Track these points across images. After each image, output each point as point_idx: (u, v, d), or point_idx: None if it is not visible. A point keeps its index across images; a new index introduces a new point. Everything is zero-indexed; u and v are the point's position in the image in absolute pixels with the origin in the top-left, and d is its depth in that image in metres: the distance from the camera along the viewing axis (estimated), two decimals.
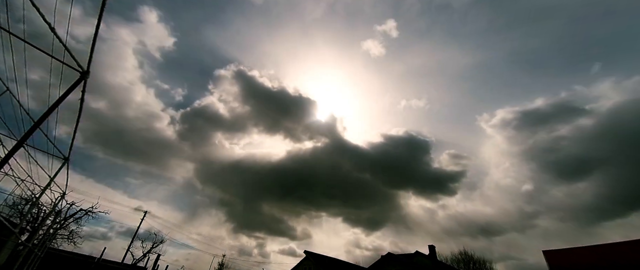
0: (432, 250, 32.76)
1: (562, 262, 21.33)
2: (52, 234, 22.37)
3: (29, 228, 21.24)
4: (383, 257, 26.96)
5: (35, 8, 4.77)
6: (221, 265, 51.63)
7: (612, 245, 19.68)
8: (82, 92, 6.35)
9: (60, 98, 5.70)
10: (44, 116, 5.52)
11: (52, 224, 21.07)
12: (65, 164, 11.83)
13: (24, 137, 5.53)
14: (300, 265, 31.52)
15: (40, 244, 18.53)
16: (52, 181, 12.64)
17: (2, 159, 5.30)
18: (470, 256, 41.16)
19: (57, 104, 5.63)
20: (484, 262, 40.25)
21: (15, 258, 15.33)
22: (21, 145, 5.50)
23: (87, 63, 5.72)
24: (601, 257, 19.57)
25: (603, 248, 19.95)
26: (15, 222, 17.17)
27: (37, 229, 19.36)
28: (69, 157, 11.35)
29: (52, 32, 5.10)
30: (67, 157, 11.32)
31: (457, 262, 41.18)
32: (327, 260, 30.63)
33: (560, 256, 21.63)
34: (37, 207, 22.26)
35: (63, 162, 11.70)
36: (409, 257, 30.05)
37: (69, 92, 5.75)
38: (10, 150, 5.39)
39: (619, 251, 19.01)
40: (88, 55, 5.61)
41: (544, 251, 22.66)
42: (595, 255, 19.93)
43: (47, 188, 13.03)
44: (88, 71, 5.80)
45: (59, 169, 12.05)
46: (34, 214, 22.68)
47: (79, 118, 7.64)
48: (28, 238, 16.92)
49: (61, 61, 5.84)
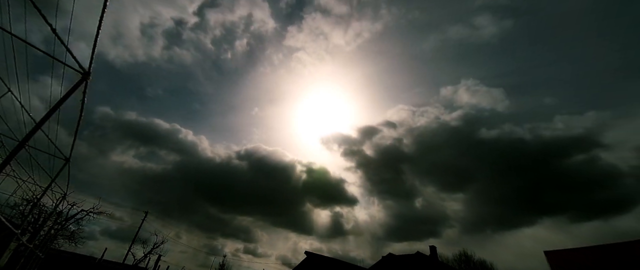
0: (433, 251, 32.70)
1: (563, 262, 21.29)
2: (53, 235, 22.41)
3: (30, 229, 21.27)
4: (384, 258, 26.90)
5: (37, 10, 4.79)
6: (221, 265, 51.74)
7: (612, 246, 19.62)
8: (83, 93, 6.37)
9: (61, 99, 5.72)
10: (46, 117, 5.54)
11: (53, 225, 21.10)
12: (66, 165, 11.86)
13: (25, 138, 5.55)
14: (301, 266, 31.45)
15: (41, 245, 18.56)
16: (53, 182, 12.67)
17: (4, 160, 5.32)
18: (470, 257, 41.16)
19: (58, 105, 5.65)
20: (484, 262, 40.25)
21: (17, 259, 15.35)
22: (22, 146, 5.52)
23: (89, 64, 5.74)
24: (602, 257, 19.53)
25: (604, 248, 19.90)
26: (16, 222, 17.20)
27: (39, 229, 19.39)
28: (70, 158, 11.38)
29: (54, 34, 5.12)
30: (69, 158, 11.35)
31: (458, 262, 41.14)
32: (328, 261, 30.59)
33: (562, 257, 21.59)
34: (39, 208, 22.31)
35: (64, 163, 11.73)
36: (410, 257, 29.99)
37: (70, 93, 5.77)
38: (11, 151, 5.42)
39: (619, 251, 18.96)
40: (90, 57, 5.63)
41: (546, 252, 22.61)
42: (596, 255, 19.88)
43: (48, 189, 13.06)
44: (89, 72, 5.82)
45: (60, 169, 12.07)
46: (35, 215, 22.74)
47: (80, 119, 7.66)
48: (29, 239, 16.93)
49: (63, 62, 5.86)
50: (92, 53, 5.56)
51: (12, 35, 5.72)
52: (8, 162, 5.36)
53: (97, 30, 5.14)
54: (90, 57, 5.62)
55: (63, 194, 16.28)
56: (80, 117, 7.56)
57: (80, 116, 7.53)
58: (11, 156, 5.40)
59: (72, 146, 10.28)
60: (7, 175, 12.09)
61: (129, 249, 36.22)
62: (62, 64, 5.88)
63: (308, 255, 31.29)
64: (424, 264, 28.63)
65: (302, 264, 32.00)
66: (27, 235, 17.66)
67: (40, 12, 4.81)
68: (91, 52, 5.53)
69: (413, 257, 30.49)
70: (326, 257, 32.15)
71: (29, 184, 14.24)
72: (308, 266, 31.03)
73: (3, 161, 5.31)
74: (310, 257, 30.93)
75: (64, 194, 16.30)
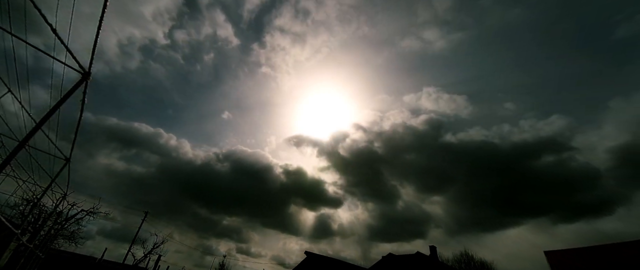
0: (433, 251, 32.71)
1: (563, 262, 21.30)
2: (53, 235, 22.41)
3: (30, 229, 21.27)
4: (384, 258, 26.88)
5: (37, 10, 4.78)
6: (221, 265, 51.76)
7: (613, 246, 19.62)
8: (83, 93, 6.36)
9: (61, 99, 5.72)
10: (46, 117, 5.54)
11: (53, 225, 21.10)
12: (66, 165, 11.86)
13: (25, 138, 5.55)
14: (301, 266, 31.45)
15: (41, 245, 18.55)
16: (54, 182, 12.67)
17: (4, 160, 5.31)
18: (471, 257, 41.15)
19: (58, 105, 5.65)
20: (484, 262, 40.24)
21: (17, 259, 15.35)
22: (23, 146, 5.52)
23: (89, 64, 5.74)
24: (602, 257, 19.53)
25: (604, 248, 19.90)
26: (16, 222, 17.19)
27: (39, 229, 19.38)
28: (70, 158, 11.38)
29: (54, 34, 5.12)
30: (69, 158, 11.35)
31: (458, 262, 41.13)
32: (328, 261, 30.58)
33: (562, 257, 21.60)
34: (39, 208, 22.30)
35: (64, 163, 11.73)
36: (410, 257, 29.99)
37: (70, 93, 5.77)
38: (11, 151, 5.41)
39: (619, 251, 18.96)
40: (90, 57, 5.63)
41: (546, 252, 22.61)
42: (597, 255, 19.88)
43: (49, 189, 13.06)
44: (89, 72, 5.82)
45: (60, 169, 12.07)
46: (35, 215, 22.72)
47: (80, 119, 7.66)
48: (29, 239, 16.94)
49: (63, 62, 5.86)
50: (92, 53, 5.56)
51: (12, 35, 5.72)
52: (8, 162, 5.36)
53: (97, 31, 5.14)
54: (90, 57, 5.62)
55: (63, 194, 16.28)
56: (80, 117, 7.57)
57: (80, 116, 7.53)
58: (11, 156, 5.40)
59: (72, 146, 10.28)
60: (7, 176, 12.08)
61: (129, 249, 36.23)
62: (62, 64, 5.88)
63: (308, 255, 31.29)
64: (424, 264, 28.63)
65: (302, 264, 31.99)
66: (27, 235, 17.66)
67: (40, 12, 4.80)
68: (91, 52, 5.53)
69: (413, 257, 30.49)
70: (326, 257, 32.17)
71: (29, 184, 14.24)
72: (308, 266, 31.04)
73: (3, 161, 5.30)
74: (310, 257, 30.92)
75: (64, 194, 16.30)
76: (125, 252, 35.99)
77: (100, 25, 5.08)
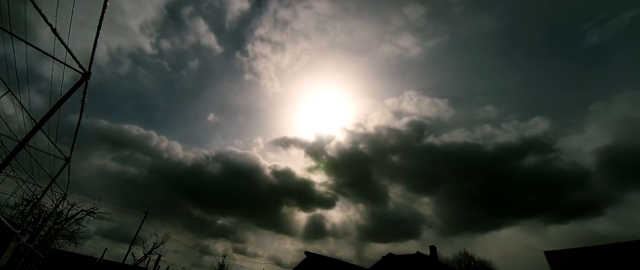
0: (433, 251, 32.71)
1: (563, 262, 21.30)
2: (53, 235, 22.41)
3: (30, 229, 21.27)
4: (384, 258, 26.89)
5: (37, 10, 4.79)
6: (221, 265, 51.73)
7: (613, 246, 19.63)
8: (83, 93, 6.37)
9: (61, 99, 5.72)
10: (46, 117, 5.54)
11: (53, 225, 21.10)
12: (66, 165, 11.86)
13: (25, 138, 5.55)
14: (301, 266, 31.46)
15: (41, 245, 18.56)
16: (54, 182, 12.67)
17: (4, 160, 5.32)
18: (471, 257, 41.15)
19: (58, 105, 5.65)
20: (484, 262, 40.24)
21: (17, 259, 15.35)
22: (23, 146, 5.52)
23: (89, 64, 5.75)
24: (602, 257, 19.54)
25: (604, 249, 19.90)
26: (16, 222, 17.19)
27: (39, 230, 19.39)
28: (70, 158, 11.39)
29: (54, 34, 5.12)
30: (69, 158, 11.35)
31: (458, 262, 41.13)
32: (328, 261, 30.59)
33: (562, 257, 21.60)
34: (39, 208, 22.30)
35: (64, 163, 11.74)
36: (410, 257, 29.99)
37: (70, 93, 5.77)
38: (11, 152, 5.42)
39: (620, 252, 18.96)
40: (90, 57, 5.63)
41: (546, 252, 22.62)
42: (597, 255, 19.89)
43: (48, 189, 13.06)
44: (89, 72, 5.82)
45: (60, 169, 12.08)
46: (35, 215, 22.73)
47: (81, 119, 7.67)
48: (29, 239, 16.94)
49: (63, 62, 5.86)
50: (92, 53, 5.57)
51: (12, 35, 5.72)
52: (8, 162, 5.36)
53: (97, 31, 5.14)
54: (90, 57, 5.63)
55: (63, 194, 16.28)
56: (80, 116, 7.57)
57: (80, 116, 7.53)
58: (11, 156, 5.40)
59: (72, 146, 10.29)
60: (7, 176, 12.08)
61: (129, 249, 36.23)
62: (62, 64, 5.89)
63: (308, 255, 31.30)
64: (424, 264, 28.63)
65: (303, 264, 31.99)
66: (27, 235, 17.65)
67: (40, 12, 4.81)
68: (91, 52, 5.54)
69: (413, 257, 30.48)
70: (326, 257, 32.17)
71: (29, 184, 14.24)
72: (308, 266, 31.03)
73: (3, 161, 5.31)
74: (310, 257, 30.93)
75: (64, 194, 16.31)
76: (124, 252, 36.02)
77: (100, 25, 5.08)
